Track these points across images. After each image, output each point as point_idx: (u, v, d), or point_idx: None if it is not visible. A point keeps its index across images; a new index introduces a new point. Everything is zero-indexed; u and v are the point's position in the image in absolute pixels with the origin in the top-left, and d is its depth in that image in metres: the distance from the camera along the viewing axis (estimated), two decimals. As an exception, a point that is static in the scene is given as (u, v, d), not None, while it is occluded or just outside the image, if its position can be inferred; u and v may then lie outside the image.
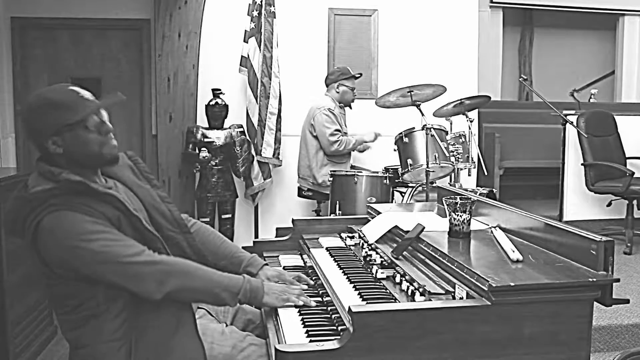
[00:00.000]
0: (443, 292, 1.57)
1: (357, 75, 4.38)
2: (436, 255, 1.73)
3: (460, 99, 4.07)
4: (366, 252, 2.05)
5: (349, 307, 1.38)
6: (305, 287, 1.86)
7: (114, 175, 1.74)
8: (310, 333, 1.53)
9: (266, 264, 1.96)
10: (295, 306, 1.71)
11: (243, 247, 2.35)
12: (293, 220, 2.47)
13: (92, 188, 1.56)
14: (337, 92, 4.33)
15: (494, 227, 1.92)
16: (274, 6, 4.48)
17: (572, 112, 4.84)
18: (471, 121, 4.05)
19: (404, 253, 1.90)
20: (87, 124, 1.61)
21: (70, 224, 1.51)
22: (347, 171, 4.07)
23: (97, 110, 1.63)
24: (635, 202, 4.57)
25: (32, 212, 1.53)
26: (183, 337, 1.65)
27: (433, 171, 3.83)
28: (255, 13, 4.45)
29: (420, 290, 1.59)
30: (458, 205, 1.85)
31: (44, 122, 1.59)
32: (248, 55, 4.48)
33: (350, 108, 4.46)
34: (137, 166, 1.83)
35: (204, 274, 1.63)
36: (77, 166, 1.61)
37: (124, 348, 1.59)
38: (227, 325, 1.86)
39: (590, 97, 6.54)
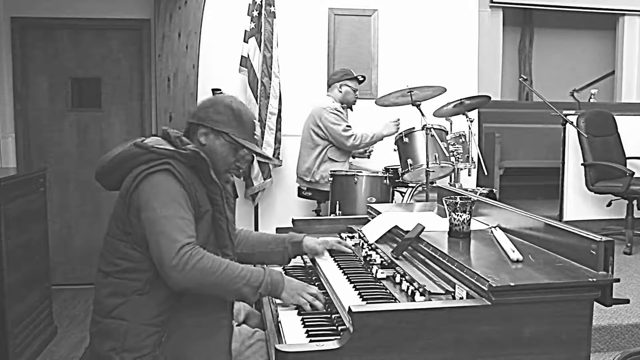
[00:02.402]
0: (443, 292, 1.57)
1: (361, 79, 4.37)
2: (436, 255, 1.73)
3: (460, 99, 4.07)
4: (366, 252, 2.05)
5: (349, 307, 1.38)
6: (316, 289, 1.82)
7: None
8: (310, 333, 1.53)
9: (305, 235, 2.12)
10: (296, 307, 1.72)
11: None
12: (293, 220, 2.48)
13: (210, 172, 1.71)
14: (340, 92, 4.32)
15: (494, 227, 1.93)
16: (274, 6, 4.48)
17: (572, 112, 4.83)
18: (471, 121, 4.05)
19: (404, 253, 1.90)
20: (240, 151, 1.83)
21: (168, 189, 1.63)
22: (347, 171, 4.06)
23: (250, 153, 1.85)
24: (635, 202, 4.57)
25: (150, 162, 1.67)
26: (214, 346, 1.68)
27: (433, 171, 3.83)
28: (255, 13, 4.45)
29: (420, 290, 1.59)
30: (458, 205, 1.85)
31: (218, 117, 1.79)
32: (248, 55, 4.48)
33: (352, 110, 4.46)
34: (228, 190, 1.93)
35: (228, 271, 1.62)
36: None
37: (155, 337, 1.63)
38: (239, 325, 1.90)
39: (590, 97, 6.53)
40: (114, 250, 1.68)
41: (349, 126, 4.19)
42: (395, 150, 4.00)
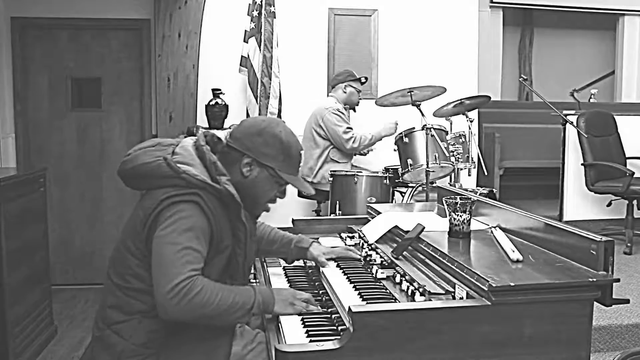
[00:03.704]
0: (443, 292, 1.57)
1: (363, 80, 4.39)
2: (436, 255, 1.73)
3: (460, 99, 4.07)
4: (366, 252, 2.05)
5: (349, 307, 1.38)
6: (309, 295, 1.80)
7: None
8: (310, 333, 1.53)
9: (314, 241, 2.07)
10: None
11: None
12: (293, 220, 2.47)
13: (240, 211, 1.63)
14: (344, 93, 4.34)
15: (494, 227, 1.92)
16: (274, 6, 4.48)
17: (572, 112, 4.84)
18: (471, 121, 4.05)
19: (404, 253, 1.90)
20: (281, 185, 1.73)
21: (193, 222, 1.55)
22: (347, 171, 4.06)
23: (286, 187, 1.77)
24: (635, 202, 4.57)
25: (178, 189, 1.57)
26: None
27: (433, 171, 3.83)
28: (255, 13, 4.45)
29: (420, 290, 1.59)
30: (458, 205, 1.85)
31: (265, 149, 1.69)
32: (248, 55, 4.48)
33: (355, 111, 4.47)
34: None
35: (222, 302, 1.55)
36: (238, 192, 1.65)
37: (150, 359, 1.62)
38: (240, 326, 1.88)
39: (590, 97, 6.54)
40: (127, 267, 1.64)
41: (350, 128, 4.20)
42: (395, 150, 4.00)
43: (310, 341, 1.48)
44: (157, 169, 1.61)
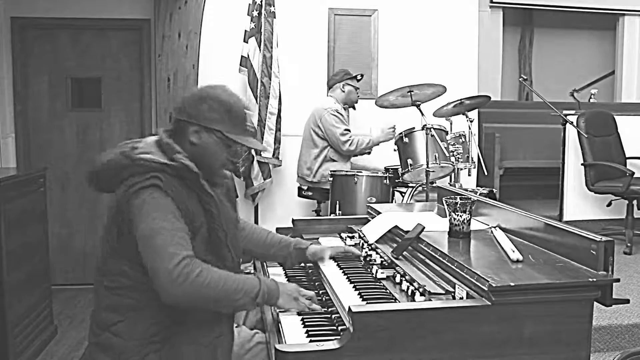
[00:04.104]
0: (443, 292, 1.57)
1: (359, 77, 4.40)
2: (436, 255, 1.73)
3: (460, 99, 4.07)
4: (366, 252, 2.05)
5: (349, 307, 1.38)
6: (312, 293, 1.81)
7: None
8: (310, 333, 1.53)
9: (312, 244, 2.07)
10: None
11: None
12: (293, 220, 2.47)
13: (201, 182, 1.65)
14: (343, 92, 4.35)
15: (494, 227, 1.92)
16: (274, 6, 4.48)
17: (572, 112, 4.83)
18: (471, 121, 4.05)
19: (404, 253, 1.90)
20: (234, 147, 1.74)
21: (159, 203, 1.57)
22: (347, 171, 4.07)
23: (247, 148, 1.75)
24: (635, 202, 4.57)
25: (137, 176, 1.60)
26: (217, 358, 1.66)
27: (433, 171, 3.83)
28: (255, 13, 4.45)
29: (420, 290, 1.59)
30: (458, 205, 1.85)
31: (209, 114, 1.70)
32: (248, 55, 4.48)
33: (354, 109, 4.47)
34: (227, 185, 1.91)
35: (225, 286, 1.57)
36: (193, 162, 1.68)
37: (151, 355, 1.61)
38: (237, 326, 1.87)
39: (590, 97, 6.53)
40: (110, 267, 1.65)
41: (348, 130, 4.21)
42: (395, 150, 4.01)
43: (310, 341, 1.48)
44: (116, 163, 1.65)
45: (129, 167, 1.63)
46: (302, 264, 2.18)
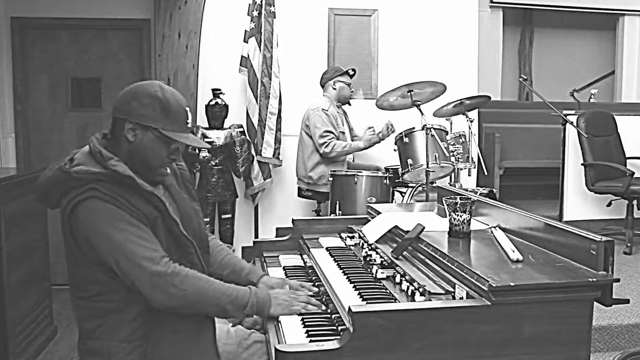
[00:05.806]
0: (443, 292, 1.57)
1: (351, 72, 4.37)
2: (436, 255, 1.73)
3: (460, 99, 4.07)
4: (366, 252, 2.05)
5: (349, 307, 1.38)
6: (310, 292, 1.83)
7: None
8: (310, 333, 1.53)
9: (266, 274, 1.94)
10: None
11: (243, 247, 2.38)
12: (293, 220, 2.47)
13: (138, 184, 1.60)
14: (334, 89, 4.34)
15: (494, 227, 1.92)
16: (274, 6, 4.48)
17: (572, 112, 4.84)
18: (471, 121, 4.05)
19: (404, 253, 1.90)
20: (172, 144, 1.68)
21: (105, 213, 1.55)
22: (347, 171, 4.06)
23: (185, 144, 1.71)
24: (635, 202, 4.57)
25: (73, 190, 1.58)
26: (200, 347, 1.67)
27: (433, 171, 3.83)
28: (255, 13, 4.45)
29: (420, 290, 1.59)
30: (458, 205, 1.85)
31: (144, 110, 1.64)
32: (248, 55, 4.48)
33: (349, 104, 4.46)
34: (182, 175, 1.87)
35: (213, 289, 1.60)
36: (131, 161, 1.65)
37: (137, 351, 1.61)
38: (234, 325, 1.87)
39: (590, 97, 6.54)
40: (80, 278, 1.64)
41: (329, 132, 4.13)
42: (395, 150, 4.00)
43: (310, 341, 1.48)
44: (55, 179, 1.62)
45: (67, 181, 1.59)
46: (303, 264, 2.19)
